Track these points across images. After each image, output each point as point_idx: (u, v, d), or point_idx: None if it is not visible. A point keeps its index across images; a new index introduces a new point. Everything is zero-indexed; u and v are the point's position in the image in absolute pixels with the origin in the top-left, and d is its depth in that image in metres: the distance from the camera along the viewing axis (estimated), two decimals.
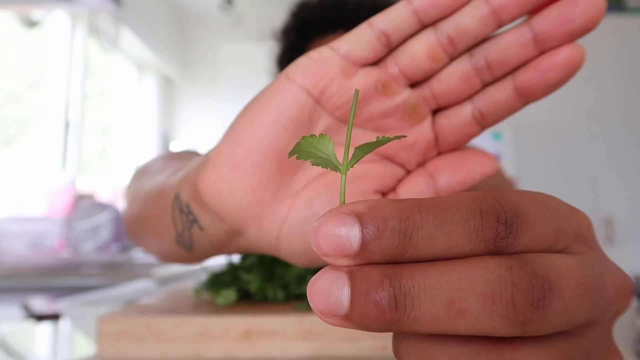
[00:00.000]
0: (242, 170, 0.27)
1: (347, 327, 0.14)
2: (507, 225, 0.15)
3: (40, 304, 0.63)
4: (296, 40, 0.75)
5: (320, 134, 0.17)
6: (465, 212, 0.15)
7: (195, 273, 1.62)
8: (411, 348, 0.15)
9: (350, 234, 0.14)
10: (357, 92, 0.16)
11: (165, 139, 3.01)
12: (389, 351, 0.39)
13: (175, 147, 2.94)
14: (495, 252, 0.15)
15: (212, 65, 3.06)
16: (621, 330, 0.48)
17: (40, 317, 0.58)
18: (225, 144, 0.28)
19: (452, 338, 0.15)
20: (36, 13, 2.08)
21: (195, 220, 0.31)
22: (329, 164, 0.17)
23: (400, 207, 0.15)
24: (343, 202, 0.16)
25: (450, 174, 0.30)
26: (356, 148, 0.16)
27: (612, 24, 2.44)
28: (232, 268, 0.53)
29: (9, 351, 0.43)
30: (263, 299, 0.48)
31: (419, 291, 0.14)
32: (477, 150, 0.31)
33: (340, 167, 0.16)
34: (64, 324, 0.57)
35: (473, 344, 0.15)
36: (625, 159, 2.35)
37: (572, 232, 0.17)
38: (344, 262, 0.14)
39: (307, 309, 0.43)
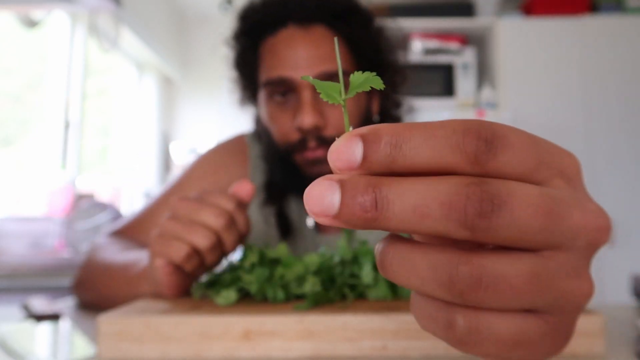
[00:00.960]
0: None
1: (336, 225, 0.18)
2: (487, 142, 0.17)
3: (40, 304, 0.63)
4: (249, 43, 0.76)
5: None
6: (449, 130, 0.17)
7: None
8: (395, 258, 0.18)
9: (356, 150, 0.18)
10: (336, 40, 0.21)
11: (165, 139, 3.01)
12: (389, 351, 0.39)
13: (175, 147, 2.94)
14: (476, 165, 0.17)
15: (212, 65, 3.06)
16: (621, 330, 0.48)
17: (40, 317, 0.58)
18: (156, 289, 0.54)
19: (430, 247, 0.18)
20: (36, 13, 2.08)
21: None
22: (333, 99, 0.21)
23: (395, 126, 0.18)
24: (348, 129, 0.20)
25: None
26: (351, 83, 0.21)
27: (612, 24, 2.44)
28: (232, 268, 0.52)
29: (9, 351, 0.43)
30: (263, 299, 0.48)
31: (393, 196, 0.17)
32: None
33: (341, 100, 0.21)
34: (64, 324, 0.57)
35: (448, 252, 0.17)
36: (625, 160, 2.34)
37: (556, 168, 0.19)
38: (352, 172, 0.18)
39: (307, 309, 0.43)
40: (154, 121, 2.90)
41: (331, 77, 0.69)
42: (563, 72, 2.41)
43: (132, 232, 0.79)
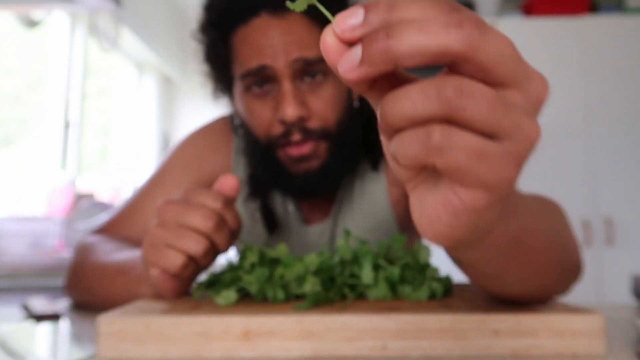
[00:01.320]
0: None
1: (362, 74, 0.22)
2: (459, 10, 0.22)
3: (40, 304, 0.63)
4: (218, 34, 0.73)
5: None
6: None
7: None
8: (390, 95, 0.22)
9: (358, 15, 0.23)
10: None
11: (165, 139, 3.01)
12: (389, 351, 0.39)
13: None
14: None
15: None
16: (621, 330, 0.48)
17: (40, 317, 0.58)
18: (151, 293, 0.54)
19: (421, 83, 0.21)
20: (36, 13, 2.08)
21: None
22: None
23: None
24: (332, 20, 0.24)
25: None
26: None
27: (612, 24, 2.44)
28: (232, 268, 0.53)
29: (9, 351, 0.43)
30: (263, 299, 0.48)
31: (401, 26, 0.21)
32: None
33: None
34: (64, 324, 0.57)
35: (434, 78, 0.21)
36: (625, 159, 2.34)
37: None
38: (355, 32, 0.22)
39: (307, 309, 0.43)
40: (154, 121, 2.90)
41: (310, 63, 0.67)
42: (563, 72, 2.41)
43: (118, 227, 0.77)
